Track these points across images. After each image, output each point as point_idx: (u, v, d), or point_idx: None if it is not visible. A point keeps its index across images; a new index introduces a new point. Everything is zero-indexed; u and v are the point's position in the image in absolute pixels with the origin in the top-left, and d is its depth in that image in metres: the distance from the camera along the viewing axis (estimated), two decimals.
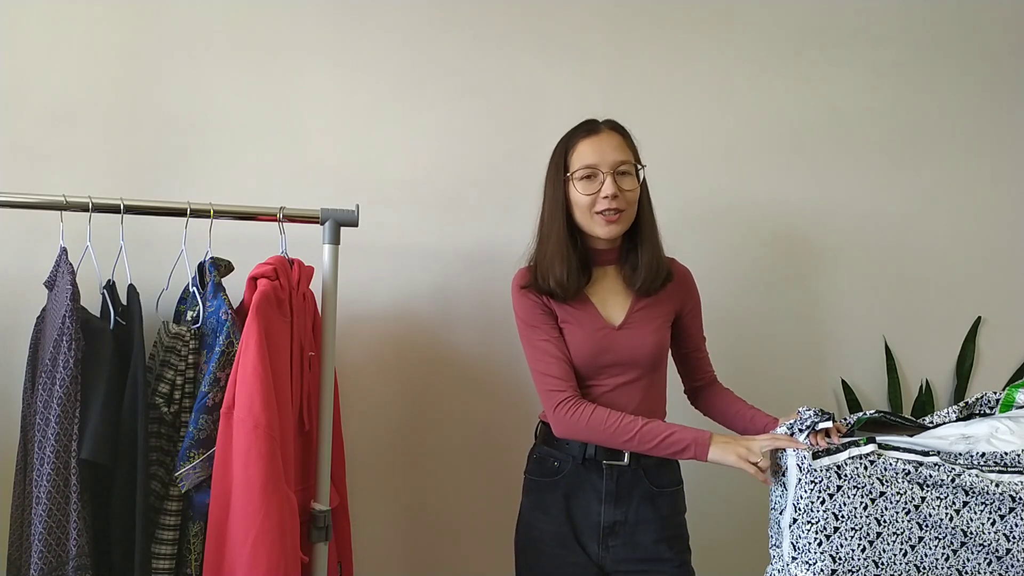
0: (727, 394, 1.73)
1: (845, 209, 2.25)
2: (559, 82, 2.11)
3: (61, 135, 1.86)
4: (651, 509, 1.59)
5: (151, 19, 1.92)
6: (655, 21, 2.16)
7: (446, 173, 2.07)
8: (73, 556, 1.39)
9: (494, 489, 2.07)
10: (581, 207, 1.56)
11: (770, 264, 2.22)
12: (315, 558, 1.62)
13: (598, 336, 1.58)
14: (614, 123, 1.61)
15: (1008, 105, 2.32)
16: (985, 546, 1.42)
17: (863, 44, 2.26)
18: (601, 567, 1.59)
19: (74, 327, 1.43)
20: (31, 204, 1.53)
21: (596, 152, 1.54)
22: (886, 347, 2.26)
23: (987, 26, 2.31)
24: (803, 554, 1.43)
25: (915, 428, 1.55)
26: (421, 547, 2.09)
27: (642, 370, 1.59)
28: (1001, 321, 2.32)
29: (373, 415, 2.04)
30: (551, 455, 1.63)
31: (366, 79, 2.03)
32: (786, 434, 1.48)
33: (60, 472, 1.40)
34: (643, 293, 1.61)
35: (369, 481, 2.03)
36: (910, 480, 1.42)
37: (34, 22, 1.86)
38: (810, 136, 2.23)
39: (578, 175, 1.55)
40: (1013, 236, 2.33)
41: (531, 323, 1.60)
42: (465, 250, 2.07)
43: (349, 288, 1.88)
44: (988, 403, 1.57)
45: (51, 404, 1.41)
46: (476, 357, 2.07)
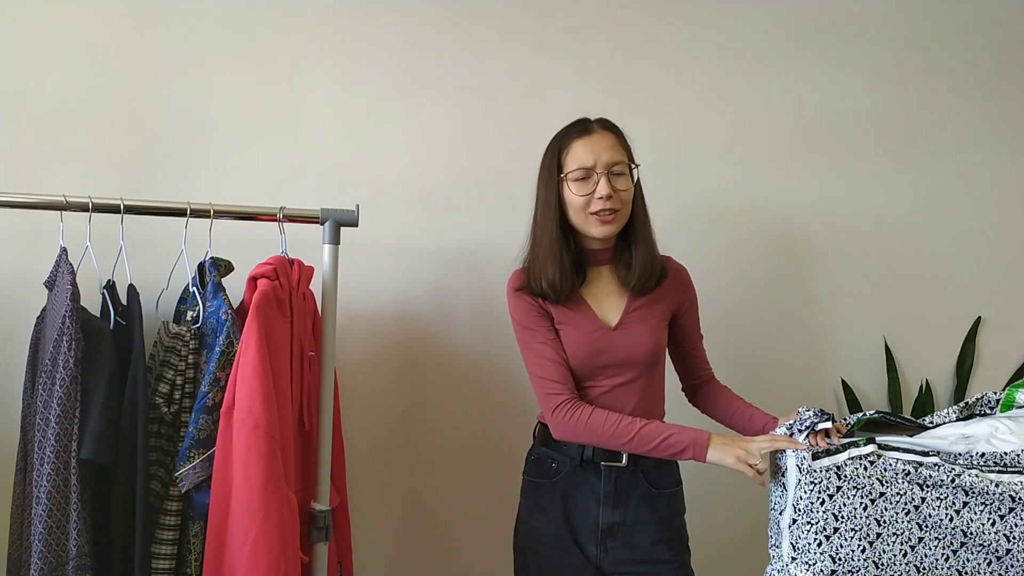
0: (725, 392, 1.73)
1: (845, 209, 2.25)
2: (559, 82, 2.11)
3: (61, 135, 1.86)
4: (649, 510, 1.59)
5: (151, 19, 1.92)
6: (655, 21, 2.16)
7: (446, 173, 2.07)
8: (73, 556, 1.39)
9: (493, 490, 2.07)
10: (575, 208, 1.55)
11: (770, 264, 2.22)
12: (315, 558, 1.62)
13: (594, 337, 1.58)
14: (607, 122, 1.60)
15: (1008, 105, 2.32)
16: (985, 546, 1.42)
17: (863, 44, 2.26)
18: (600, 568, 1.59)
19: (74, 327, 1.43)
20: (31, 204, 1.53)
21: (590, 152, 1.54)
22: (886, 347, 2.26)
23: (987, 26, 2.31)
24: (803, 554, 1.43)
25: (915, 428, 1.55)
26: (421, 547, 2.09)
27: (639, 370, 1.59)
28: (1001, 321, 2.32)
29: (373, 415, 2.04)
30: (549, 456, 1.63)
31: (366, 79, 2.03)
32: (785, 434, 1.48)
33: (60, 472, 1.40)
34: (638, 292, 1.61)
35: (369, 481, 2.04)
36: (910, 480, 1.42)
37: (34, 22, 1.86)
38: (810, 136, 2.23)
39: (572, 176, 1.54)
40: (1013, 236, 2.33)
41: (527, 326, 1.60)
42: (465, 250, 2.07)
43: (349, 288, 1.88)
44: (988, 403, 1.57)
45: (51, 404, 1.41)
46: (476, 357, 2.07)
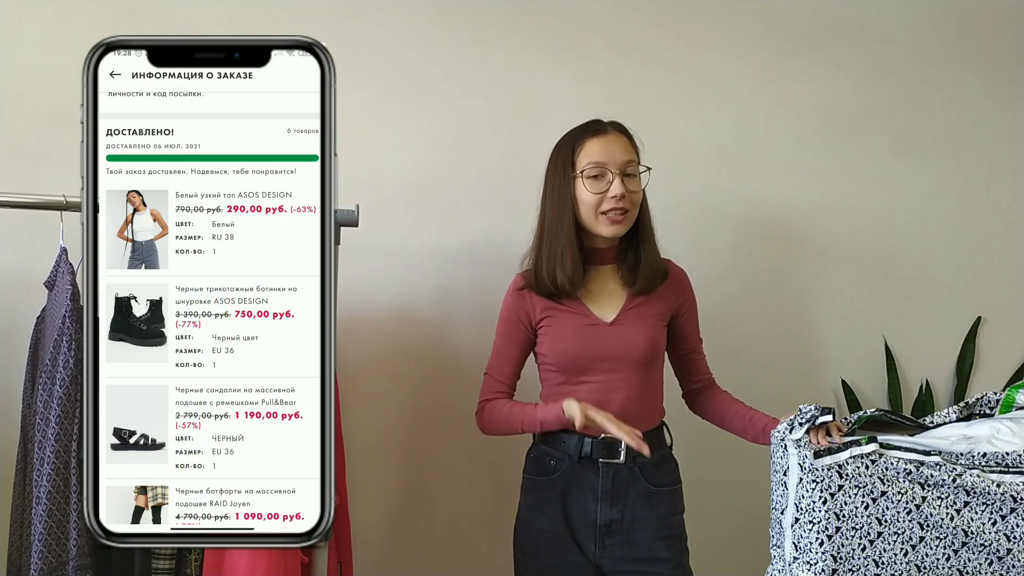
0: (725, 396, 1.73)
1: (845, 209, 2.25)
2: (559, 82, 2.11)
3: (61, 135, 1.85)
4: (648, 508, 1.59)
5: (151, 19, 1.92)
6: (655, 21, 2.16)
7: (446, 173, 2.07)
8: (73, 556, 1.39)
9: (494, 489, 2.06)
10: (587, 205, 1.56)
11: (770, 264, 2.22)
12: (315, 558, 1.62)
13: (588, 330, 1.59)
14: (620, 125, 1.63)
15: (1008, 105, 2.32)
16: (986, 546, 1.42)
17: (863, 44, 2.26)
18: (598, 566, 1.59)
19: (74, 327, 1.43)
20: (31, 204, 1.53)
21: (605, 151, 1.56)
22: (886, 347, 2.26)
23: (987, 26, 2.31)
24: (804, 554, 1.43)
25: (915, 428, 1.55)
26: (421, 547, 2.09)
27: (634, 367, 1.59)
28: (1001, 321, 2.32)
29: (373, 415, 2.04)
30: (548, 453, 1.63)
31: (366, 80, 2.03)
32: (785, 428, 1.48)
33: (60, 472, 1.39)
34: (639, 292, 1.61)
35: (369, 481, 2.03)
36: (911, 480, 1.42)
37: (34, 22, 1.86)
38: (810, 136, 2.23)
39: (587, 173, 1.56)
40: (1013, 236, 2.33)
41: (507, 320, 1.67)
42: (465, 250, 2.07)
43: (349, 288, 1.88)
44: (988, 403, 1.57)
45: (51, 404, 1.41)
46: (476, 357, 2.07)
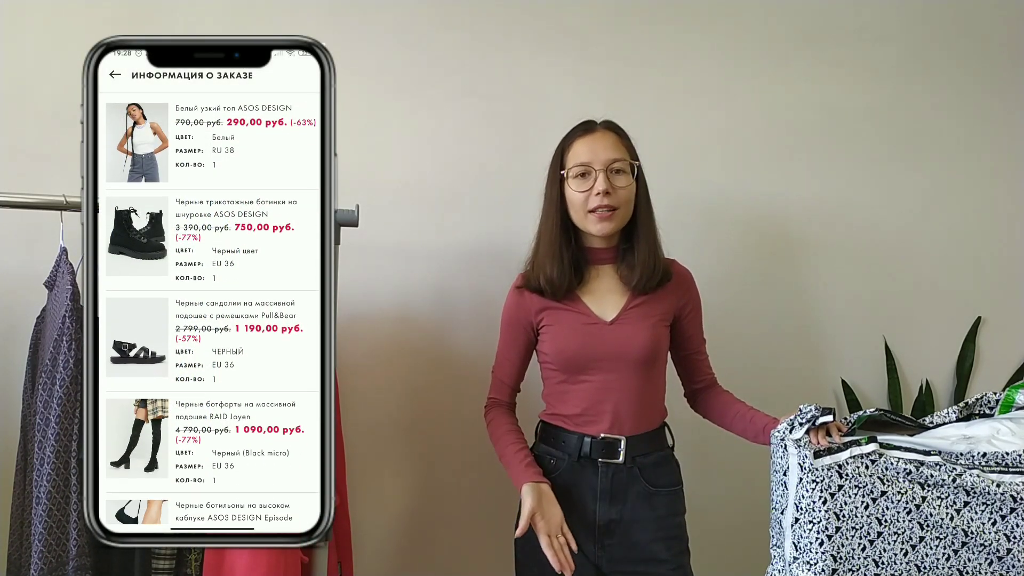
0: (726, 395, 1.73)
1: (845, 209, 2.25)
2: (559, 82, 2.11)
3: (61, 135, 1.86)
4: (647, 508, 1.58)
5: (151, 19, 1.92)
6: (655, 21, 2.16)
7: (446, 173, 2.07)
8: (73, 556, 1.39)
9: (494, 489, 2.06)
10: (575, 205, 1.57)
11: (770, 264, 2.22)
12: (315, 558, 1.62)
13: (588, 329, 1.59)
14: (610, 123, 1.62)
15: (1008, 105, 2.32)
16: (986, 546, 1.42)
17: (863, 44, 2.26)
18: (598, 567, 1.59)
19: (74, 327, 1.43)
20: (31, 204, 1.53)
21: (590, 150, 1.56)
22: (886, 347, 2.26)
23: (987, 25, 2.31)
24: (804, 554, 1.43)
25: (915, 428, 1.55)
26: (421, 547, 2.09)
27: (635, 367, 1.59)
28: (1001, 321, 2.32)
29: (373, 415, 2.04)
30: (548, 453, 1.63)
31: (366, 79, 2.03)
32: (786, 429, 1.48)
33: (60, 472, 1.39)
34: (639, 291, 1.61)
35: (369, 481, 2.03)
36: (911, 480, 1.42)
37: (34, 22, 1.86)
38: (810, 136, 2.23)
39: (572, 173, 1.57)
40: (1013, 236, 2.33)
41: (506, 321, 1.68)
42: (465, 250, 2.07)
43: (349, 288, 1.88)
44: (988, 404, 1.57)
45: (51, 404, 1.41)
46: (476, 357, 2.07)
